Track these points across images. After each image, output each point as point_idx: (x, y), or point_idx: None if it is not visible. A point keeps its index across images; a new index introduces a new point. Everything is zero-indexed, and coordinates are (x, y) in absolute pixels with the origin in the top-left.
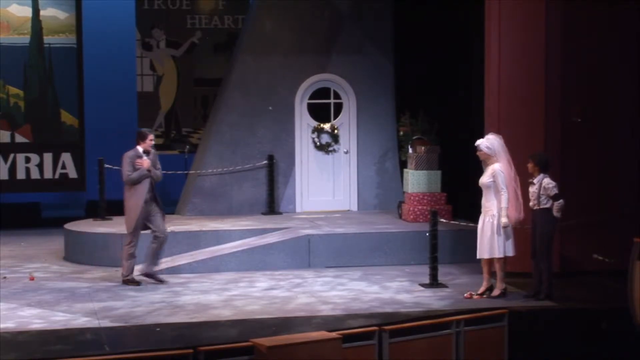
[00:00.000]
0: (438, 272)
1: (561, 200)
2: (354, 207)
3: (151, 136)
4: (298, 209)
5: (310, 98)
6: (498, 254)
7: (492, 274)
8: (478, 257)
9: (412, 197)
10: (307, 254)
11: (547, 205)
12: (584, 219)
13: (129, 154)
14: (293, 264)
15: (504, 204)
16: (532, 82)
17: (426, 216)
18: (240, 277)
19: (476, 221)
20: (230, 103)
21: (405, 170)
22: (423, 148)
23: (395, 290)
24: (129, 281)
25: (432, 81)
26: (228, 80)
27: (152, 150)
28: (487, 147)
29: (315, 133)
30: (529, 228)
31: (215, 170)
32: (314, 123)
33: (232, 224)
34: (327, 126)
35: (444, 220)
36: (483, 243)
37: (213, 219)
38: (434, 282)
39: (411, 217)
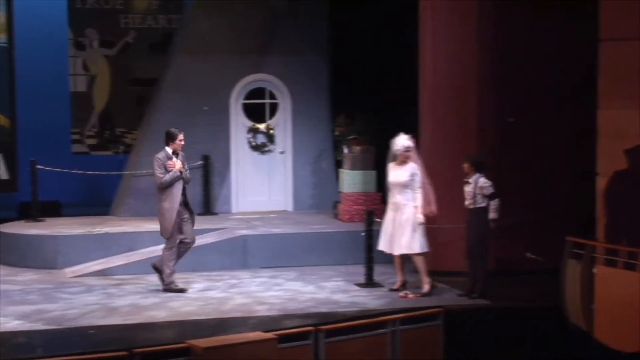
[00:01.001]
0: (374, 271)
1: (497, 200)
2: (290, 207)
3: (181, 136)
4: (234, 210)
5: (246, 98)
6: (419, 249)
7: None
8: (396, 252)
9: (347, 197)
10: (243, 254)
11: (483, 205)
12: (518, 218)
13: (159, 156)
14: (229, 265)
15: (421, 202)
16: (466, 82)
17: (362, 216)
18: (176, 278)
19: None
20: (166, 103)
21: (340, 170)
22: (359, 148)
23: (331, 290)
24: (171, 289)
25: (369, 81)
26: (163, 80)
27: (181, 152)
28: (411, 147)
29: (251, 133)
30: (462, 228)
31: (149, 171)
32: (250, 123)
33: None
34: (262, 126)
35: (379, 220)
36: (400, 239)
37: (148, 220)
38: (369, 282)
39: (347, 217)
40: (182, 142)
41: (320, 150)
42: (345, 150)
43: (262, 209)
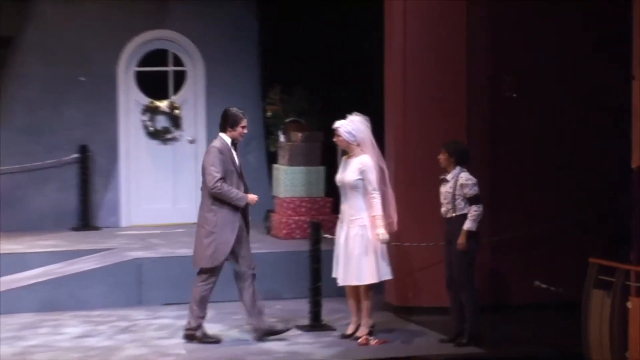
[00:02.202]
0: (322, 308)
1: (480, 206)
2: None
3: (244, 121)
4: (124, 222)
5: (140, 65)
6: (371, 278)
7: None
8: (341, 283)
9: (284, 204)
10: (136, 285)
11: (466, 211)
12: (520, 232)
13: (218, 147)
14: (117, 301)
15: (379, 211)
16: (449, 47)
17: (305, 230)
18: (41, 321)
19: None
20: (25, 72)
21: (275, 166)
22: (300, 135)
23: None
24: (194, 336)
25: (315, 44)
26: (21, 40)
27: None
28: (348, 133)
29: (148, 114)
30: (437, 245)
31: (4, 167)
32: (146, 100)
33: (29, 245)
34: (164, 104)
35: (330, 236)
36: (349, 265)
37: (2, 238)
38: (316, 324)
39: (284, 231)
40: (245, 131)
41: (245, 137)
42: (281, 138)
43: (165, 221)
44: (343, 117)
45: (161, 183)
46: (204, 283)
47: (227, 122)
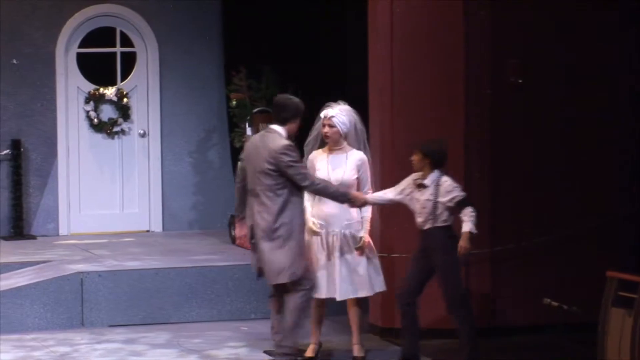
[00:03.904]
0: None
1: (472, 207)
2: (157, 227)
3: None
4: (63, 230)
5: (82, 45)
6: (383, 285)
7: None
8: (341, 297)
9: None
10: (78, 304)
11: (448, 222)
12: (525, 242)
13: (289, 143)
14: (56, 322)
15: (369, 213)
16: (444, 26)
17: None
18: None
19: None
20: None
21: (240, 164)
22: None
23: None
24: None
25: (285, 22)
26: None
27: None
28: (343, 124)
29: (92, 103)
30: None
31: None
32: (90, 87)
33: None
34: (110, 92)
35: None
36: (354, 275)
37: None
38: None
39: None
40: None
41: (206, 130)
42: (248, 132)
43: (111, 229)
44: (319, 106)
45: (107, 184)
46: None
47: (289, 113)
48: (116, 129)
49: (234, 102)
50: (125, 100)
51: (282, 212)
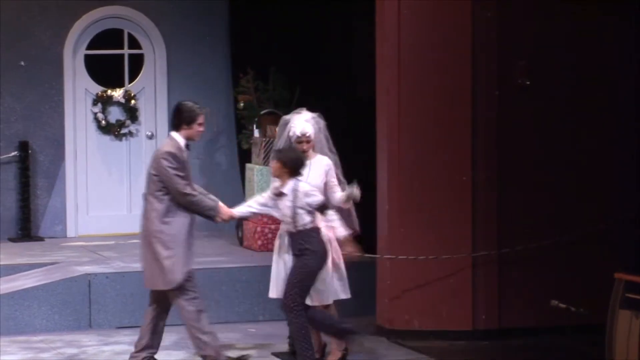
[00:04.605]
0: None
1: (334, 211)
2: None
3: (202, 117)
4: (71, 232)
5: (90, 47)
6: (343, 293)
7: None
8: (332, 298)
9: None
10: (86, 306)
11: (312, 225)
12: (532, 244)
13: (171, 149)
14: (63, 324)
15: (335, 215)
16: (452, 29)
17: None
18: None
19: (372, 247)
20: None
21: (248, 166)
22: (277, 129)
23: None
24: None
25: (293, 24)
26: None
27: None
28: (315, 136)
29: (99, 105)
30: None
31: None
32: (98, 88)
33: None
34: (118, 94)
35: None
36: (340, 276)
37: None
38: (295, 350)
39: (259, 242)
40: (202, 129)
41: (213, 132)
42: (256, 134)
43: (119, 231)
44: (328, 108)
45: (115, 186)
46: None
47: (182, 119)
48: (124, 130)
49: (241, 104)
50: (132, 102)
51: (164, 218)
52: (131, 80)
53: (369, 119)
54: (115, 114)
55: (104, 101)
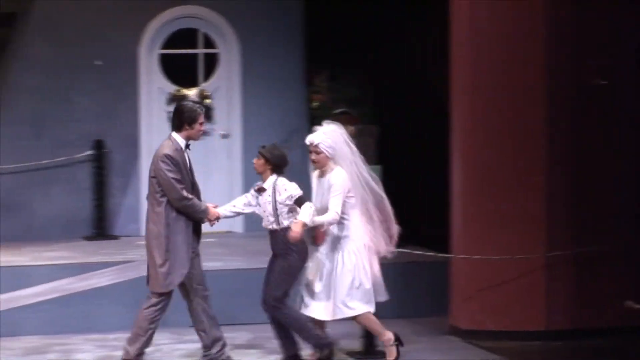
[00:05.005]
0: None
1: (310, 203)
2: (238, 227)
3: (202, 116)
4: (145, 231)
5: (165, 47)
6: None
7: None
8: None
9: None
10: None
11: (289, 223)
12: (607, 244)
13: (169, 152)
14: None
15: (328, 218)
16: (526, 30)
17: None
18: (48, 345)
19: (439, 247)
20: (31, 56)
21: None
22: (351, 128)
23: None
24: None
25: (366, 24)
26: (25, 18)
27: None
28: (331, 148)
29: (174, 104)
30: (512, 259)
31: (5, 166)
32: (172, 88)
33: (34, 256)
34: (192, 93)
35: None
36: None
37: (3, 248)
38: (370, 349)
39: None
40: (203, 128)
41: (288, 132)
42: None
43: None
44: (400, 108)
45: None
46: (154, 308)
47: (183, 119)
48: None
49: (315, 104)
50: (207, 101)
51: (163, 220)
52: (205, 79)
53: (442, 118)
54: None
55: (178, 100)
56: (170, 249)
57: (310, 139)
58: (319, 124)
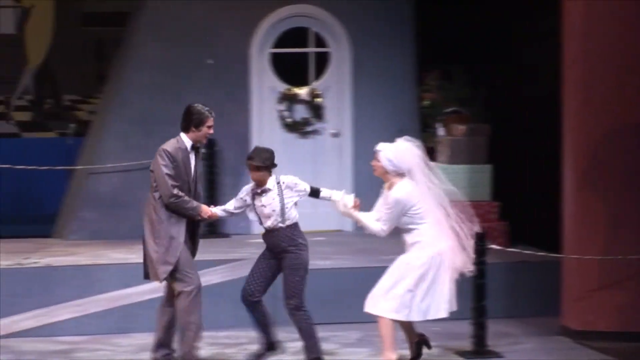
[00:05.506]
0: (487, 332)
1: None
2: (348, 226)
3: (211, 120)
4: (256, 229)
5: (276, 46)
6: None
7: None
8: (446, 313)
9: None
10: (271, 302)
11: (295, 220)
12: None
13: (169, 148)
14: (248, 320)
15: (372, 226)
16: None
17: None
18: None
19: (550, 246)
20: (143, 54)
21: (432, 164)
22: (462, 128)
23: None
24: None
25: (478, 22)
26: (139, 17)
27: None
28: (389, 160)
29: (285, 103)
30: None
31: (117, 164)
32: (283, 86)
33: (140, 255)
34: (303, 92)
35: (497, 247)
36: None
37: (114, 246)
38: (480, 349)
39: None
40: (211, 132)
41: (398, 130)
42: (441, 132)
43: (303, 228)
44: (512, 107)
45: None
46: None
47: (190, 121)
48: (309, 128)
49: (426, 103)
50: (318, 100)
51: (159, 212)
52: (316, 78)
53: (554, 117)
54: (300, 112)
55: (289, 99)
56: (161, 242)
57: (377, 146)
58: (430, 123)
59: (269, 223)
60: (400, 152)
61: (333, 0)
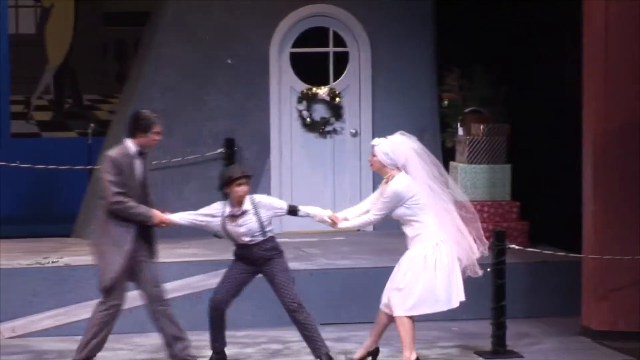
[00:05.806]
0: (506, 332)
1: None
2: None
3: (158, 126)
4: (275, 229)
5: (296, 45)
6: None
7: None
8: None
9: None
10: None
11: (272, 233)
12: None
13: (114, 154)
14: (267, 320)
15: (359, 222)
16: None
17: (486, 239)
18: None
19: (570, 246)
20: (163, 54)
21: (452, 163)
22: (482, 128)
23: None
24: None
25: (499, 21)
26: (159, 17)
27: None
28: (385, 154)
29: (304, 103)
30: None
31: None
32: (302, 86)
33: (166, 253)
34: (323, 91)
35: (516, 247)
36: (450, 286)
37: None
38: (499, 349)
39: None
40: (158, 138)
41: (418, 130)
42: (460, 132)
43: (323, 228)
44: (533, 107)
45: (319, 183)
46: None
47: (138, 126)
48: (328, 128)
49: (446, 102)
50: (337, 99)
51: (109, 219)
52: (336, 78)
53: (575, 117)
54: (320, 112)
55: (309, 99)
56: (101, 250)
57: (373, 141)
58: (450, 123)
59: (246, 239)
60: (396, 145)
61: (353, 0)
